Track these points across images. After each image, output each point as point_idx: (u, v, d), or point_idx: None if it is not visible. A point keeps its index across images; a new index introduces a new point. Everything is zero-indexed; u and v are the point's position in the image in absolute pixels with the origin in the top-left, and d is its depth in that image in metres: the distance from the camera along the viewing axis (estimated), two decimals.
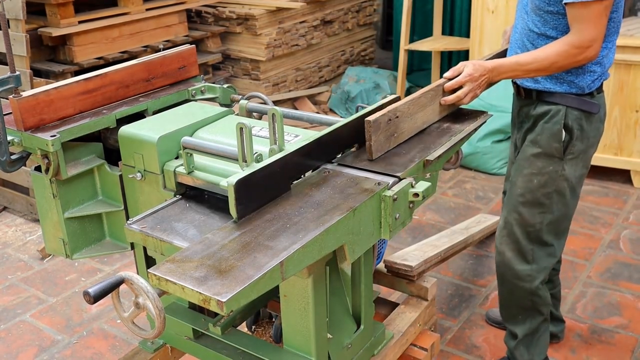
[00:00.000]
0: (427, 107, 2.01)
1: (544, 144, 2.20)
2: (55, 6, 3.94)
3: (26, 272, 3.38)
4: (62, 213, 2.03)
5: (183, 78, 2.39)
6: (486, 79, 2.09)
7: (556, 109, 2.16)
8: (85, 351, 2.78)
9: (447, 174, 4.31)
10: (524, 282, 2.35)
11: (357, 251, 1.62)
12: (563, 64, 2.05)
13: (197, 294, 1.27)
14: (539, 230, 2.28)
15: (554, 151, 2.19)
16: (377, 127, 1.79)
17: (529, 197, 2.25)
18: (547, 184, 2.22)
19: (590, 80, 2.13)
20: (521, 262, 2.33)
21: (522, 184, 2.26)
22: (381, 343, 2.15)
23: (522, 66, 2.08)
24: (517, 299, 2.40)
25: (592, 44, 2.00)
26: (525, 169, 2.25)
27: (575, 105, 2.14)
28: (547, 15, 2.07)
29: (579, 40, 1.99)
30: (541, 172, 2.22)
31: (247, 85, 5.28)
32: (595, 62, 2.10)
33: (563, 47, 2.02)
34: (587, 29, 1.98)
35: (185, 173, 1.85)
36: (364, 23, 6.21)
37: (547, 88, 2.17)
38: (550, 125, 2.18)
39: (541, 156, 2.21)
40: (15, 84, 1.90)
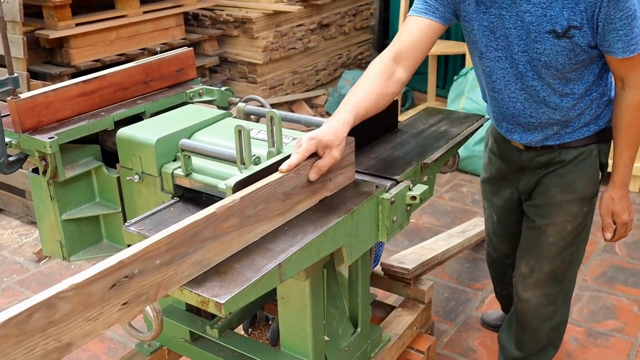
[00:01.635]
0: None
1: (579, 189, 2.00)
2: (52, 8, 3.94)
3: (22, 275, 3.37)
4: (59, 215, 2.03)
5: (181, 80, 2.39)
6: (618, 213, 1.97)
7: (588, 150, 1.97)
8: (81, 354, 2.78)
9: (443, 177, 4.32)
10: (547, 322, 2.25)
11: (355, 254, 1.63)
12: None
13: (195, 295, 1.27)
14: (566, 271, 2.16)
15: (591, 195, 2.02)
16: None
17: (562, 245, 2.09)
18: (579, 226, 2.08)
19: (610, 111, 1.96)
20: (547, 305, 2.22)
21: (555, 232, 2.07)
22: (378, 346, 2.16)
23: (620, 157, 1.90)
24: (537, 339, 2.30)
25: None
26: (557, 217, 2.05)
27: (604, 138, 1.97)
28: (571, 74, 1.84)
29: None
30: (575, 217, 2.04)
31: (244, 88, 5.28)
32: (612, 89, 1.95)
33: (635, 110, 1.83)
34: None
35: (183, 175, 1.85)
36: (361, 27, 6.22)
37: (575, 138, 1.96)
38: (585, 169, 1.98)
39: (576, 201, 2.02)
40: (13, 86, 1.90)
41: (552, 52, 1.77)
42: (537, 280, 2.19)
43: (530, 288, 2.21)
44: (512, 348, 2.39)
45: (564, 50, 1.76)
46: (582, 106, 1.92)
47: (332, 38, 5.88)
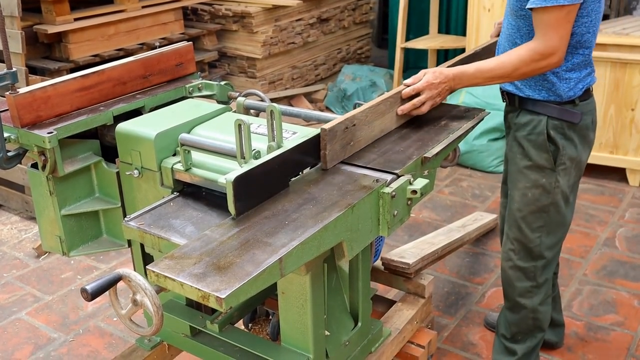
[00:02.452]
0: (386, 115, 1.95)
1: (533, 155, 2.15)
2: (50, 3, 3.93)
3: (22, 270, 3.36)
4: (59, 210, 2.02)
5: (180, 75, 2.39)
6: (447, 87, 2.02)
7: (537, 119, 2.12)
8: (81, 349, 2.78)
9: (443, 172, 4.32)
10: (525, 299, 2.31)
11: (356, 248, 1.62)
12: (525, 71, 1.99)
13: (196, 290, 1.27)
14: (538, 245, 2.23)
15: (545, 162, 2.14)
16: (332, 135, 1.73)
17: (526, 211, 2.21)
18: (542, 196, 2.17)
19: (567, 88, 2.07)
20: (522, 280, 2.29)
21: (519, 198, 2.21)
22: (378, 340, 2.15)
23: (484, 73, 2.02)
24: (519, 318, 2.36)
25: (554, 51, 1.94)
26: (519, 182, 2.21)
27: (555, 115, 2.09)
28: (520, 20, 2.04)
29: (541, 46, 1.94)
30: (535, 184, 2.17)
31: (243, 83, 5.27)
32: (569, 69, 2.05)
33: (526, 53, 1.96)
34: (548, 35, 1.92)
35: (182, 170, 1.85)
36: (360, 21, 6.21)
37: (528, 95, 2.12)
38: (535, 137, 2.13)
39: (533, 168, 2.16)
40: (11, 81, 1.90)
41: None
42: (509, 248, 2.29)
43: (505, 257, 2.33)
44: (503, 326, 2.45)
45: None
46: None
47: (331, 32, 5.86)
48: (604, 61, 3.89)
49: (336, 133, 1.74)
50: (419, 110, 2.02)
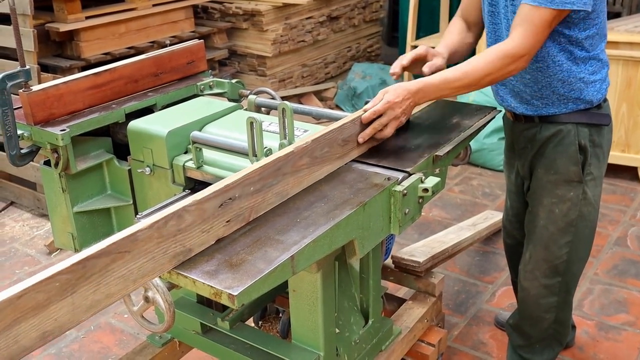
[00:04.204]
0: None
1: (560, 168, 2.03)
2: (62, 1, 3.95)
3: (33, 267, 3.39)
4: (71, 207, 2.04)
5: (191, 73, 2.39)
6: (411, 103, 1.83)
7: (566, 129, 2.00)
8: (92, 345, 2.79)
9: (453, 170, 4.30)
10: (550, 314, 2.24)
11: (367, 246, 1.62)
12: (496, 76, 1.86)
13: (208, 287, 1.27)
14: (566, 261, 2.13)
15: (573, 175, 2.03)
16: None
17: (553, 229, 2.10)
18: (569, 212, 2.06)
19: (595, 91, 1.98)
20: (547, 296, 2.21)
21: (544, 215, 2.10)
22: (389, 338, 2.15)
23: (450, 83, 1.85)
24: (540, 330, 2.29)
25: (526, 53, 1.82)
26: (544, 199, 2.09)
27: (585, 121, 1.99)
28: None
29: (514, 47, 1.81)
30: (562, 199, 2.06)
31: (253, 81, 5.27)
32: (593, 72, 1.97)
33: (496, 56, 1.83)
34: (527, 35, 1.80)
35: (194, 167, 1.85)
36: (370, 19, 6.20)
37: (552, 112, 2.01)
38: (563, 148, 2.01)
39: (559, 183, 2.04)
40: (25, 78, 1.91)
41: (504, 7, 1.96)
42: (534, 267, 2.19)
43: (529, 277, 2.22)
44: (518, 337, 2.40)
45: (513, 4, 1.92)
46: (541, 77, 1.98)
47: (341, 31, 5.85)
48: (615, 59, 3.86)
49: None
50: (382, 133, 1.82)
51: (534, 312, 2.28)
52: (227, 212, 1.41)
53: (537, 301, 2.24)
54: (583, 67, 1.96)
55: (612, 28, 4.06)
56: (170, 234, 1.29)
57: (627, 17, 4.65)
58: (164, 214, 1.28)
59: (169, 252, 1.30)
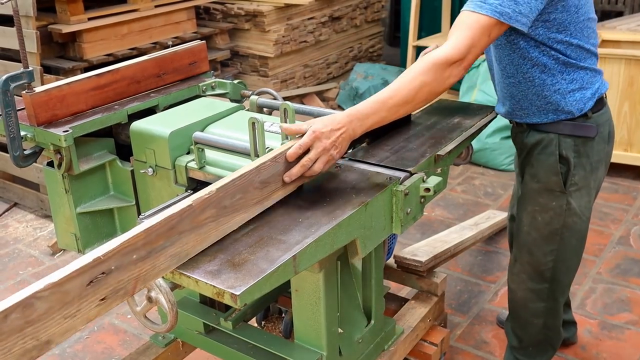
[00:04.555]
0: None
1: (542, 177, 2.02)
2: (65, 3, 3.96)
3: (37, 268, 3.40)
4: (74, 208, 2.04)
5: (194, 74, 2.40)
6: (343, 134, 1.59)
7: (548, 138, 1.98)
8: (96, 346, 2.80)
9: (455, 170, 4.30)
10: (538, 319, 2.24)
11: (369, 246, 1.62)
12: (432, 87, 1.69)
13: (210, 287, 1.28)
14: (551, 268, 2.12)
15: (554, 185, 2.00)
16: None
17: (536, 236, 2.09)
18: (552, 221, 2.04)
19: (575, 101, 1.92)
20: (535, 301, 2.20)
21: (527, 222, 2.10)
22: (391, 338, 2.16)
23: (384, 104, 1.65)
24: (531, 334, 2.30)
25: (459, 58, 1.69)
26: (528, 205, 2.08)
27: (567, 132, 1.95)
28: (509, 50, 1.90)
29: (448, 52, 1.69)
30: (544, 208, 2.04)
31: (255, 81, 5.28)
32: (571, 81, 1.90)
33: (426, 65, 1.68)
34: (461, 38, 1.70)
35: (196, 168, 1.86)
36: (372, 19, 6.20)
37: (535, 122, 1.99)
38: (545, 157, 1.99)
39: (542, 191, 2.03)
40: (28, 80, 1.92)
41: None
42: (520, 270, 2.19)
43: (515, 279, 2.23)
44: (512, 338, 2.41)
45: None
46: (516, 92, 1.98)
47: (343, 31, 5.86)
48: (617, 58, 3.86)
49: None
50: (311, 171, 1.57)
51: (522, 316, 2.28)
52: (100, 290, 1.15)
53: (525, 305, 2.24)
54: (559, 78, 1.91)
55: (614, 27, 4.06)
56: (14, 330, 1.03)
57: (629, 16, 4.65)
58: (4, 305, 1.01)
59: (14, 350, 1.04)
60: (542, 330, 2.28)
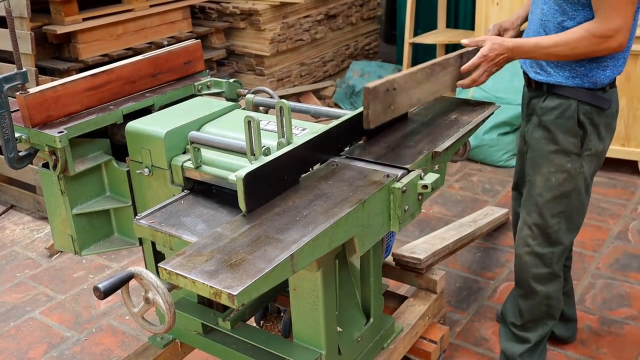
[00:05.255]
0: (423, 85, 1.97)
1: (560, 140, 2.12)
2: (59, 4, 3.94)
3: (34, 270, 3.38)
4: (70, 209, 2.03)
5: (189, 73, 2.39)
6: (504, 58, 2.03)
7: (567, 103, 2.09)
8: (94, 347, 2.79)
9: (453, 166, 4.30)
10: (541, 286, 2.30)
11: (367, 244, 1.62)
12: (584, 52, 1.96)
13: (208, 287, 1.27)
14: (557, 231, 2.21)
15: (572, 147, 2.12)
16: (375, 95, 1.77)
17: (548, 197, 2.18)
18: (566, 182, 2.15)
19: (604, 76, 2.06)
20: (538, 266, 2.28)
21: (541, 183, 2.19)
22: (391, 336, 2.15)
23: (542, 48, 2.00)
24: (533, 305, 2.34)
25: (615, 33, 1.89)
26: (543, 167, 2.18)
27: (586, 100, 2.07)
28: (567, 6, 1.98)
29: (602, 28, 1.90)
30: (560, 169, 2.15)
31: (252, 80, 5.27)
32: (610, 57, 2.03)
33: (585, 34, 1.93)
34: (611, 16, 1.88)
35: (193, 168, 1.85)
36: (368, 17, 6.18)
37: (559, 82, 2.09)
38: (564, 121, 2.10)
39: (559, 153, 2.14)
40: (22, 81, 1.90)
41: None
42: (527, 234, 2.26)
43: (521, 243, 2.29)
44: (512, 314, 2.43)
45: None
46: None
47: (339, 29, 5.84)
48: None
49: (378, 93, 1.78)
50: (477, 82, 2.05)
51: (525, 281, 2.33)
52: None
53: (528, 269, 2.30)
54: None
55: None
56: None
57: None
58: None
59: None
60: (545, 300, 2.32)
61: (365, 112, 1.77)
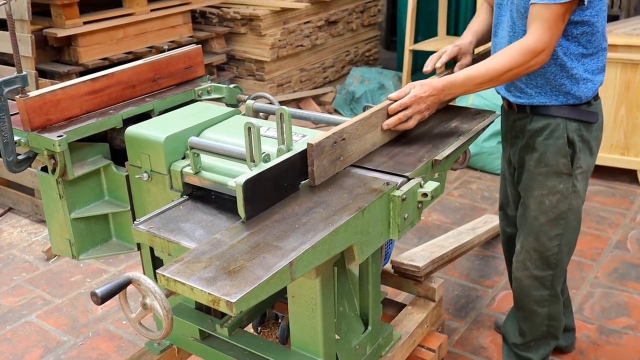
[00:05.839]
0: (378, 127, 1.87)
1: (550, 161, 2.10)
2: (60, 7, 3.95)
3: (32, 273, 3.37)
4: (68, 213, 2.02)
5: (189, 78, 2.38)
6: (435, 99, 1.93)
7: (555, 122, 2.07)
8: (91, 352, 2.78)
9: (452, 174, 4.30)
10: (542, 308, 2.28)
11: (366, 251, 1.61)
12: (517, 71, 1.93)
13: (206, 294, 1.26)
14: (556, 253, 2.19)
15: (562, 167, 2.09)
16: (320, 150, 1.64)
17: (544, 220, 2.16)
18: (559, 204, 2.13)
19: (586, 88, 2.04)
20: (539, 288, 2.26)
21: (535, 206, 2.16)
22: (389, 344, 2.14)
23: (473, 80, 1.94)
24: (535, 325, 2.33)
25: (545, 47, 1.89)
26: (535, 190, 2.15)
27: (573, 117, 2.05)
28: None
29: (533, 43, 1.89)
30: (552, 191, 2.12)
31: (252, 86, 5.27)
32: (589, 70, 2.03)
33: (518, 52, 1.91)
34: (543, 31, 1.88)
35: (192, 173, 1.84)
36: (369, 23, 6.20)
37: (542, 102, 2.07)
38: (553, 141, 2.08)
39: (550, 175, 2.11)
40: (22, 84, 1.90)
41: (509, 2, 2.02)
42: (526, 258, 2.24)
43: (520, 267, 2.27)
44: (513, 334, 2.42)
45: None
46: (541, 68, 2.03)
47: (339, 35, 5.86)
48: (614, 62, 3.86)
49: (324, 148, 1.65)
50: (405, 125, 1.92)
51: (526, 305, 2.31)
52: None
53: (529, 293, 2.28)
54: (577, 64, 2.02)
55: (610, 31, 4.05)
56: None
57: (625, 20, 4.65)
58: None
59: None
60: (545, 321, 2.31)
61: (309, 169, 1.64)
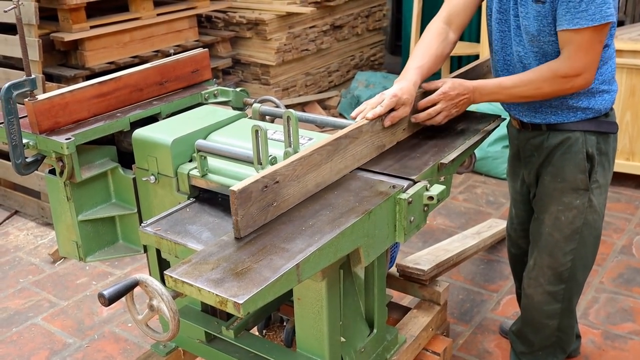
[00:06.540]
0: (324, 165, 1.65)
1: (568, 176, 2.03)
2: (67, 11, 3.97)
3: (38, 276, 3.38)
4: (75, 216, 2.04)
5: (196, 82, 2.40)
6: (466, 99, 1.95)
7: (574, 137, 2.00)
8: (96, 354, 2.79)
9: (457, 178, 4.30)
10: (553, 321, 2.25)
11: (372, 254, 1.62)
12: (549, 91, 1.90)
13: (213, 295, 1.27)
14: (570, 268, 2.14)
15: (580, 183, 2.03)
16: (245, 198, 1.43)
17: (558, 236, 2.11)
18: (575, 220, 2.07)
19: (604, 101, 1.99)
20: (551, 303, 2.22)
21: (550, 223, 2.11)
22: (394, 347, 2.14)
23: (505, 89, 1.94)
24: (544, 337, 2.30)
25: (581, 72, 1.85)
26: (551, 206, 2.09)
27: (593, 129, 2.00)
28: (547, 46, 1.90)
29: (567, 68, 1.84)
30: (568, 207, 2.06)
31: (257, 90, 5.28)
32: (605, 82, 1.97)
33: (549, 73, 1.87)
34: (577, 55, 1.82)
35: (199, 176, 1.85)
36: (374, 28, 6.21)
37: (560, 121, 2.01)
38: (571, 156, 2.01)
39: (566, 190, 2.05)
40: (30, 87, 1.91)
41: (530, 15, 1.89)
42: (539, 274, 2.20)
43: (533, 284, 2.23)
44: (520, 344, 2.40)
45: (539, 15, 1.86)
46: None
47: (344, 39, 5.87)
48: (619, 67, 3.85)
49: (251, 194, 1.44)
50: (433, 120, 1.95)
51: (537, 319, 2.28)
52: None
53: (540, 308, 2.25)
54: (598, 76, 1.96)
55: (616, 36, 4.04)
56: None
57: (630, 26, 4.65)
58: None
59: None
60: (555, 332, 2.28)
61: (234, 219, 1.43)
